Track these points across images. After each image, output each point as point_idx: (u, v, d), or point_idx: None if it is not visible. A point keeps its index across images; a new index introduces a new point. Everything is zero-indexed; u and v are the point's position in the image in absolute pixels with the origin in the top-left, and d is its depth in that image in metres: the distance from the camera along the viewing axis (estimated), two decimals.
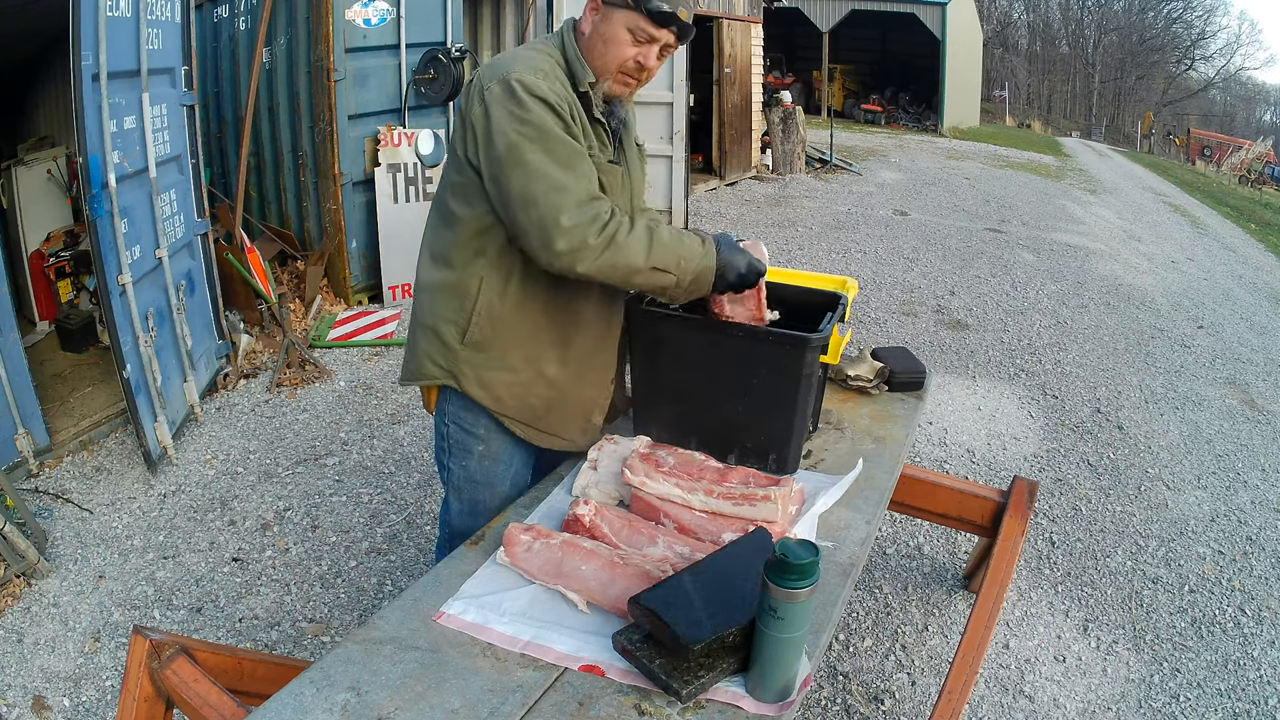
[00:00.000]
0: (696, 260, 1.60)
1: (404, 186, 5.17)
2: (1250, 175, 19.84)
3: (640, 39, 1.59)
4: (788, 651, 1.21)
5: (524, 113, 1.51)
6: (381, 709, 1.20)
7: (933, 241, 7.79)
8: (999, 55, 33.90)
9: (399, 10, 5.02)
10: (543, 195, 1.49)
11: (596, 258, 1.50)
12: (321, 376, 4.34)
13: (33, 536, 2.84)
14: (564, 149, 1.52)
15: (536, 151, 1.50)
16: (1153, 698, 2.42)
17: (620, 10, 1.57)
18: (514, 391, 1.74)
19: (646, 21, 1.56)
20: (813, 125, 13.69)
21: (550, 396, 1.77)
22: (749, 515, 1.57)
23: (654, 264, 1.55)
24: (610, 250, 1.51)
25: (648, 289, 1.62)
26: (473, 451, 1.80)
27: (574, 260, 1.50)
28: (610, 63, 1.61)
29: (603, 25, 1.59)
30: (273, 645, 2.53)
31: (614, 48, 1.59)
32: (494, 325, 1.69)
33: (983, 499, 2.43)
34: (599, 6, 1.60)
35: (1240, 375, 5.02)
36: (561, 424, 1.81)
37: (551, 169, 1.50)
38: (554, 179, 1.49)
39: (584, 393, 1.82)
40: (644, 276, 1.56)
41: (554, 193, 1.49)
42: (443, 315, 1.72)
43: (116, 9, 3.18)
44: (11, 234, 4.70)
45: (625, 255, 1.52)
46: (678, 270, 1.58)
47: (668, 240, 1.58)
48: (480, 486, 1.84)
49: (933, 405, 4.25)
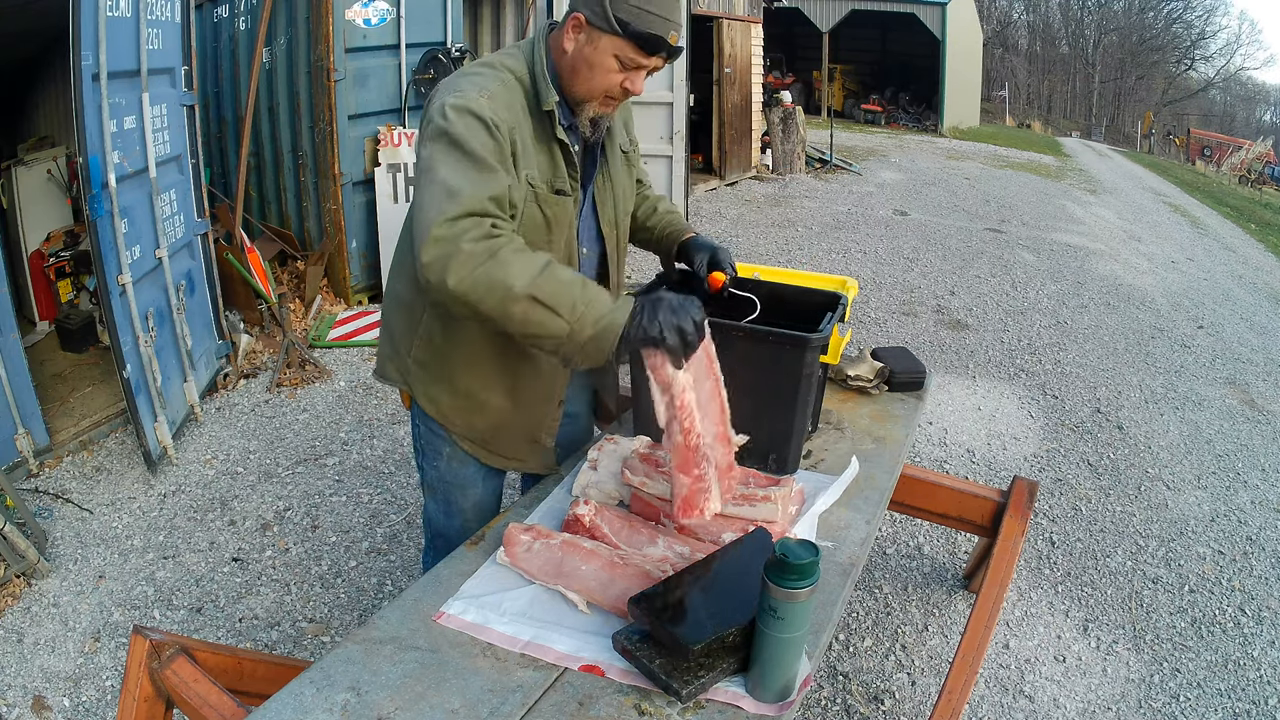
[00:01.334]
0: (600, 311, 1.34)
1: (404, 186, 5.16)
2: (1250, 175, 19.84)
3: (628, 66, 1.48)
4: (788, 651, 1.21)
5: (448, 125, 1.41)
6: (381, 709, 1.20)
7: (933, 241, 7.79)
8: (999, 55, 33.90)
9: (399, 10, 5.02)
10: (430, 200, 1.36)
11: (468, 268, 1.31)
12: (321, 376, 4.34)
13: (33, 536, 2.84)
14: (470, 161, 1.39)
15: (444, 160, 1.40)
16: (1153, 698, 2.42)
17: (608, 36, 1.45)
18: (459, 413, 1.73)
19: (635, 50, 1.46)
20: (813, 125, 13.69)
21: (495, 423, 1.75)
22: (749, 515, 1.57)
23: (537, 294, 1.31)
24: (488, 263, 1.31)
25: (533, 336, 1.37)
26: (441, 453, 1.80)
27: (444, 271, 1.31)
28: (596, 89, 1.52)
29: (587, 49, 1.48)
30: (273, 645, 2.53)
31: (600, 74, 1.49)
32: (435, 352, 1.68)
33: (983, 499, 2.43)
34: (583, 27, 1.47)
35: (1240, 375, 5.02)
36: (509, 447, 1.80)
37: (450, 176, 1.37)
38: (449, 184, 1.36)
39: (528, 416, 1.78)
40: (523, 307, 1.32)
41: (444, 197, 1.35)
42: (395, 325, 1.74)
43: (116, 9, 3.18)
44: (11, 234, 4.70)
45: (503, 272, 1.31)
46: (572, 315, 1.33)
47: (567, 278, 1.36)
48: (452, 487, 1.84)
49: (933, 405, 4.25)
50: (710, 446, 1.48)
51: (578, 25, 1.48)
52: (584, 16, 1.47)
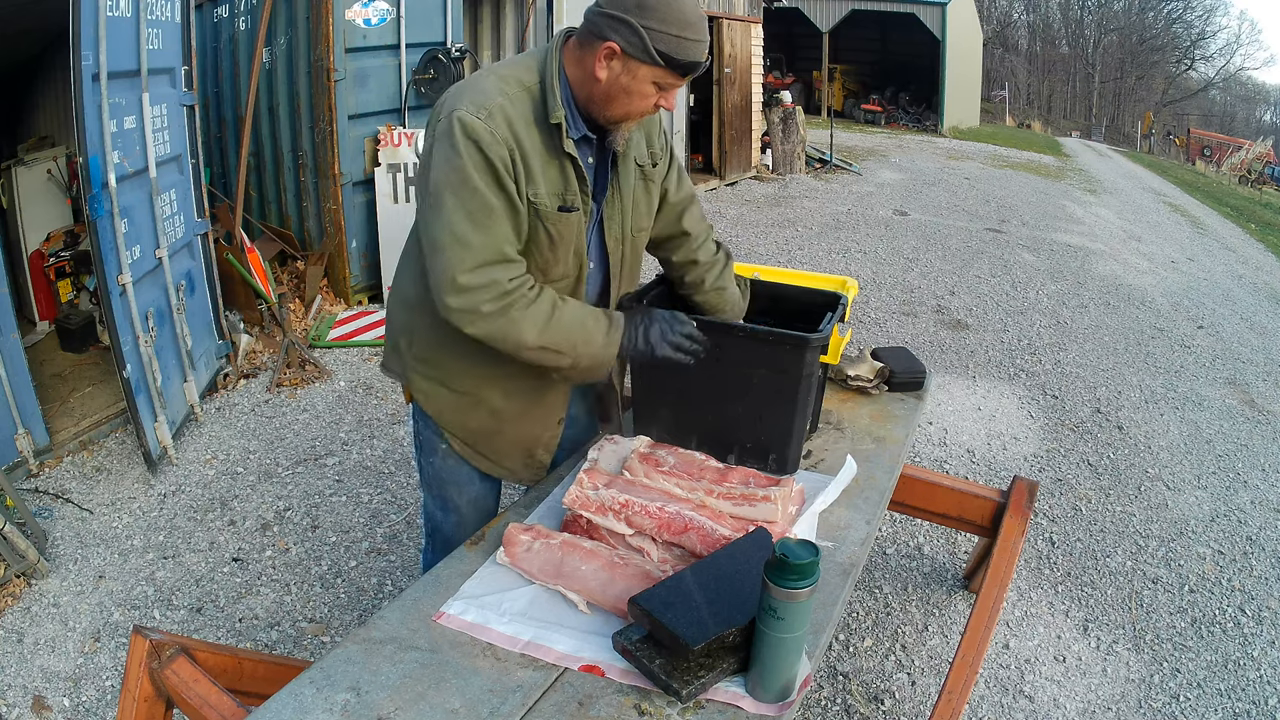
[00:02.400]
0: (595, 348, 1.59)
1: (404, 186, 5.16)
2: (1250, 175, 19.85)
3: (664, 89, 1.54)
4: (788, 651, 1.21)
5: (454, 155, 1.47)
6: (381, 709, 1.20)
7: (933, 241, 7.79)
8: (999, 55, 33.91)
9: (399, 10, 5.02)
10: (447, 246, 1.48)
11: (487, 325, 1.50)
12: (321, 376, 4.34)
13: (33, 536, 2.84)
14: (477, 203, 1.47)
15: (453, 199, 1.47)
16: (1153, 698, 2.42)
17: (647, 66, 1.48)
18: (454, 410, 1.74)
19: (674, 76, 1.51)
20: (813, 125, 13.69)
21: (490, 425, 1.75)
22: (749, 515, 1.57)
23: (545, 343, 1.54)
24: (502, 321, 1.50)
25: (539, 365, 1.59)
26: (437, 449, 1.81)
27: (463, 321, 1.50)
28: (634, 112, 1.56)
29: (624, 78, 1.49)
30: (273, 645, 2.53)
31: (637, 100, 1.53)
32: (436, 348, 1.70)
33: (983, 499, 2.43)
34: (618, 55, 1.47)
35: (1240, 375, 5.02)
36: (500, 453, 1.80)
37: (460, 222, 1.47)
38: (459, 233, 1.47)
39: (527, 428, 1.79)
40: (534, 354, 1.55)
41: (457, 246, 1.47)
42: (398, 321, 1.76)
43: (116, 9, 3.18)
44: (11, 234, 4.70)
45: (516, 330, 1.51)
46: (573, 353, 1.57)
47: (568, 321, 1.56)
48: (448, 484, 1.85)
49: (933, 405, 4.25)
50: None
51: (611, 54, 1.48)
52: (619, 46, 1.46)
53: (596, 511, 1.56)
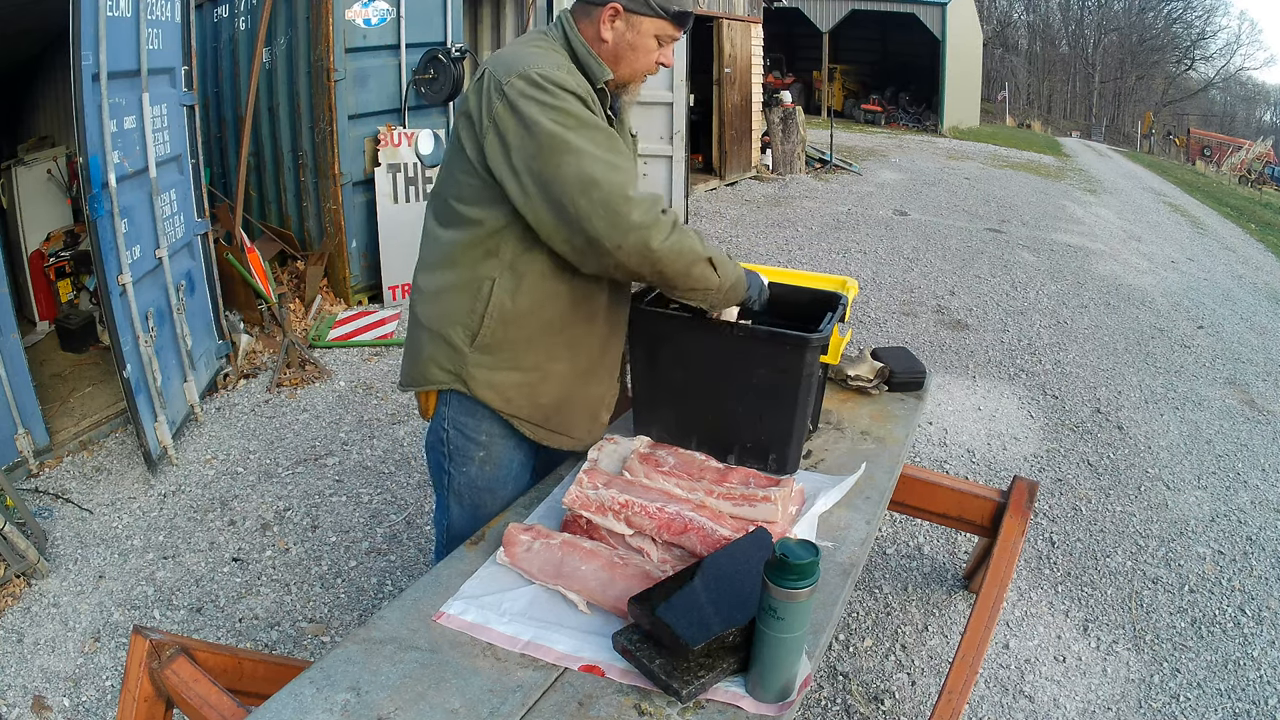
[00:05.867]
0: (732, 267, 1.64)
1: (404, 186, 5.17)
2: (1250, 175, 19.84)
3: (664, 42, 1.66)
4: (788, 651, 1.21)
5: (558, 102, 1.49)
6: (381, 709, 1.20)
7: (933, 241, 7.79)
8: (999, 55, 33.91)
9: (399, 10, 5.02)
10: (603, 175, 1.47)
11: (667, 235, 1.50)
12: (321, 376, 4.34)
13: (33, 536, 2.84)
14: (605, 135, 1.53)
15: (582, 138, 1.48)
16: (1153, 698, 2.42)
17: (649, 19, 1.61)
18: (523, 392, 1.72)
19: (673, 27, 1.63)
20: (813, 125, 13.69)
21: (560, 395, 1.76)
22: (749, 515, 1.57)
23: (711, 256, 1.57)
24: (676, 233, 1.51)
25: (691, 288, 1.60)
26: (473, 457, 1.78)
27: (648, 235, 1.47)
28: (640, 69, 1.67)
29: (629, 34, 1.62)
30: (273, 645, 2.53)
31: (643, 55, 1.65)
32: (505, 326, 1.66)
33: (983, 499, 2.43)
34: (621, 14, 1.60)
35: (1240, 375, 5.02)
36: (569, 423, 1.80)
37: (602, 152, 1.49)
38: (609, 160, 1.48)
39: (592, 390, 1.81)
40: (701, 268, 1.56)
41: (613, 171, 1.48)
42: (450, 318, 1.68)
43: (116, 9, 3.18)
44: (11, 234, 4.70)
45: (689, 241, 1.53)
46: (723, 272, 1.61)
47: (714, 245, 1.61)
48: (482, 492, 1.82)
49: (933, 405, 4.25)
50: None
51: (615, 14, 1.61)
52: (621, 5, 1.60)
53: (596, 511, 1.56)
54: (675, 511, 1.53)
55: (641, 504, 1.54)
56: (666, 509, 1.53)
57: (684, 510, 1.53)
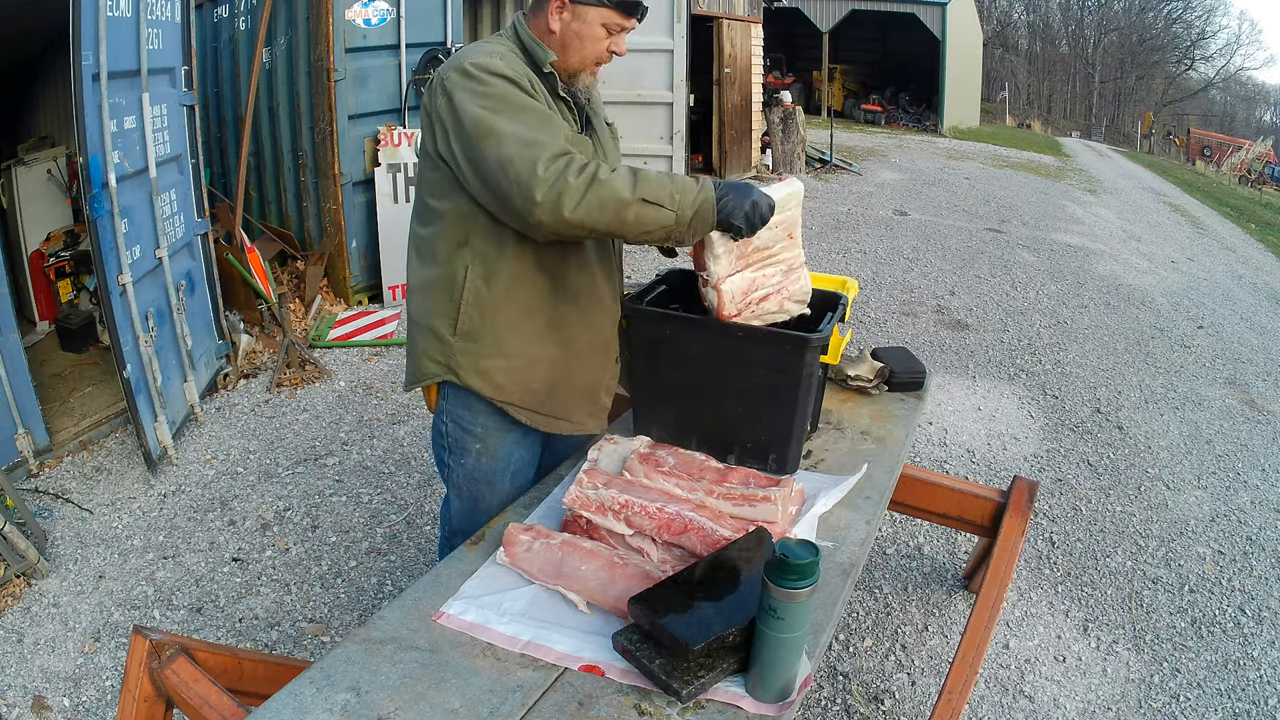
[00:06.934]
0: (693, 194, 1.55)
1: (404, 186, 5.17)
2: (1250, 175, 19.84)
3: (613, 30, 1.68)
4: (788, 651, 1.21)
5: (485, 88, 1.54)
6: (381, 709, 1.20)
7: (933, 241, 7.79)
8: (999, 55, 33.90)
9: (399, 10, 5.02)
10: (517, 153, 1.49)
11: (581, 197, 1.47)
12: (321, 376, 4.34)
13: (33, 536, 2.84)
14: (532, 114, 1.54)
15: (504, 120, 1.52)
16: (1153, 698, 2.42)
17: (594, 9, 1.65)
18: (513, 377, 1.74)
19: (619, 15, 1.66)
20: (813, 125, 13.69)
21: (551, 378, 1.77)
22: (749, 515, 1.57)
23: (643, 196, 1.50)
24: (594, 187, 1.48)
25: (647, 232, 1.54)
26: (470, 450, 1.81)
27: (558, 206, 1.47)
28: (588, 57, 1.70)
29: (575, 24, 1.66)
30: (273, 645, 2.53)
31: (590, 44, 1.68)
32: (483, 312, 1.70)
33: (983, 499, 2.43)
34: (566, 6, 1.65)
35: (1240, 375, 5.02)
36: (566, 406, 1.81)
37: (522, 130, 1.51)
38: (525, 137, 1.50)
39: (585, 372, 1.81)
40: (635, 210, 1.50)
41: (527, 148, 1.49)
42: (434, 310, 1.74)
43: (116, 9, 3.18)
44: (11, 234, 4.71)
45: (610, 189, 1.48)
46: (673, 205, 1.53)
47: (654, 177, 1.55)
48: (480, 484, 1.84)
49: (933, 405, 4.25)
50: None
51: (561, 6, 1.65)
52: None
53: (596, 511, 1.56)
54: (675, 511, 1.53)
55: (641, 504, 1.54)
56: (666, 509, 1.53)
57: (684, 510, 1.53)
